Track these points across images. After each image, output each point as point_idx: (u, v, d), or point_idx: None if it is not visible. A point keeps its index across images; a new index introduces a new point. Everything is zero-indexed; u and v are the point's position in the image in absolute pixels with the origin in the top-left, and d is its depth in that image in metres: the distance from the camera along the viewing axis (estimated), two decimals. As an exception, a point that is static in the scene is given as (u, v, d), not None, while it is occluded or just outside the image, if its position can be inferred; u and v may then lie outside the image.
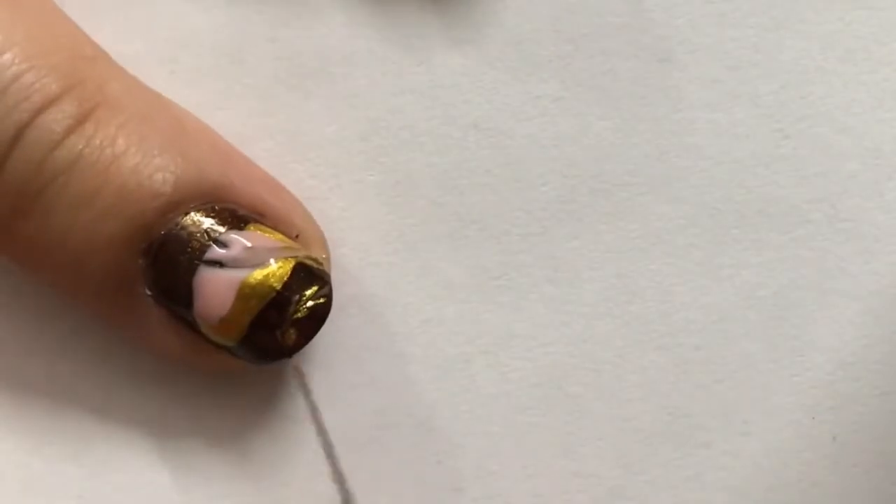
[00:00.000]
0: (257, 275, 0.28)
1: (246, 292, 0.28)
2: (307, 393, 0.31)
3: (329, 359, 0.32)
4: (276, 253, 0.29)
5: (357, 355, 0.32)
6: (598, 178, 0.32)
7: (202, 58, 0.32)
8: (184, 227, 0.28)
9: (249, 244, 0.28)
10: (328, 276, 0.30)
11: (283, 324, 0.29)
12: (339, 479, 0.30)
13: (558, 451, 0.32)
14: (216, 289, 0.28)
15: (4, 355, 0.32)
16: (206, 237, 0.28)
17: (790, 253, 0.32)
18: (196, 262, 0.28)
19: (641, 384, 0.32)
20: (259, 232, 0.29)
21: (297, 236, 0.30)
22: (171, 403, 0.32)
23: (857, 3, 0.32)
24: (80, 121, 0.28)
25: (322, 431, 0.31)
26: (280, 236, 0.29)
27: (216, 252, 0.28)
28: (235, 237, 0.28)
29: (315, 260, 0.29)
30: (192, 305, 0.28)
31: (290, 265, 0.29)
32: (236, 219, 0.29)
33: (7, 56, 0.28)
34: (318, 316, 0.29)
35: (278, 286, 0.28)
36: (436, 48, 0.32)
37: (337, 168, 0.32)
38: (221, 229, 0.29)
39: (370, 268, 0.32)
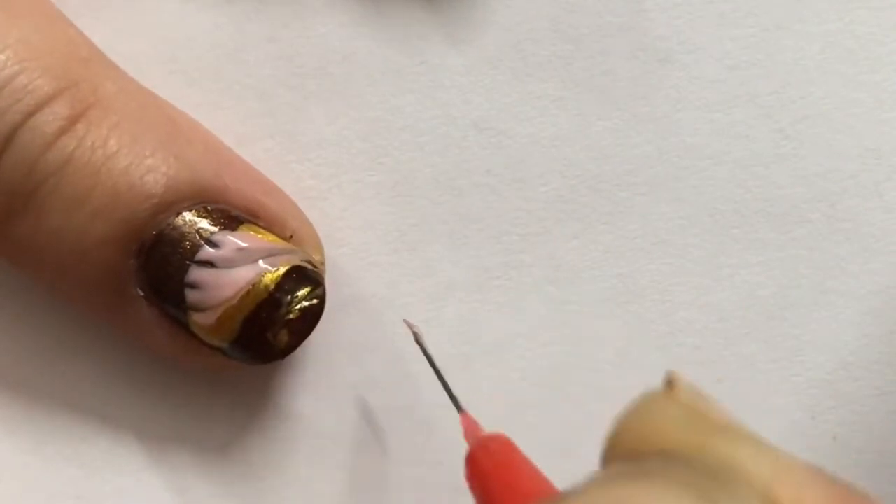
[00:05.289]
0: None
1: None
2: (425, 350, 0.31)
3: (329, 359, 0.32)
4: (269, 252, 0.29)
5: (357, 355, 0.32)
6: (598, 178, 0.32)
7: (202, 58, 0.32)
8: (176, 228, 0.28)
9: (242, 245, 0.28)
10: (322, 277, 0.30)
11: (275, 325, 0.29)
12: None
13: (558, 451, 0.32)
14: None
15: (4, 355, 0.32)
16: (199, 237, 0.28)
17: (790, 253, 0.32)
18: (188, 262, 0.28)
19: (641, 384, 0.32)
20: (252, 233, 0.29)
21: (290, 237, 0.30)
22: (170, 404, 0.32)
23: (857, 3, 0.32)
24: (72, 122, 0.28)
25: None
26: (273, 237, 0.29)
27: (208, 252, 0.28)
28: (228, 238, 0.28)
29: (308, 261, 0.29)
30: (184, 306, 0.29)
31: (283, 266, 0.29)
32: (229, 219, 0.29)
33: (0, 58, 0.28)
34: (311, 317, 0.29)
35: (271, 287, 0.28)
36: (436, 48, 0.32)
37: (337, 168, 0.32)
38: (214, 229, 0.29)
39: (370, 268, 0.32)
